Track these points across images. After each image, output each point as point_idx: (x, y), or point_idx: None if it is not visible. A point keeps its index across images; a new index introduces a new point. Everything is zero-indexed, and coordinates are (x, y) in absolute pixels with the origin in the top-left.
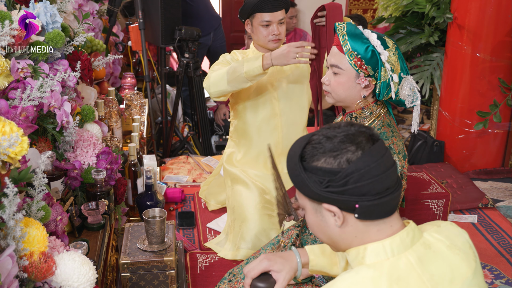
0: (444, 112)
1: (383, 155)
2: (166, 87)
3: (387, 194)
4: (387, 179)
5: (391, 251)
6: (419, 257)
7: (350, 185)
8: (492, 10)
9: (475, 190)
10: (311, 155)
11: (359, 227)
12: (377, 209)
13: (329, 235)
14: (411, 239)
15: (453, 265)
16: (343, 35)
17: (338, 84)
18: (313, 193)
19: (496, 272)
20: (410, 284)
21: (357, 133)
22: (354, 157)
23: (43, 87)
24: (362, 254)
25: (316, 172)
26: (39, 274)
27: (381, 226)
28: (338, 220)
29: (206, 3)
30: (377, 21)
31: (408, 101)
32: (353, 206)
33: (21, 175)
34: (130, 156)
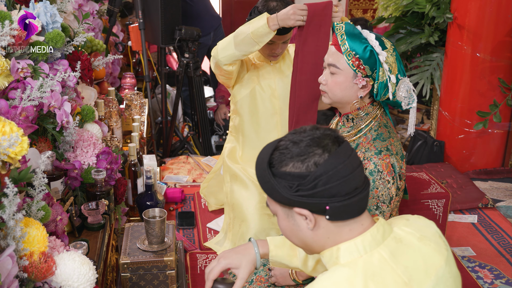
0: (444, 112)
1: (349, 155)
2: (166, 87)
3: (356, 194)
4: (355, 179)
5: (363, 249)
6: (392, 252)
7: (319, 188)
8: (492, 10)
9: (475, 190)
10: (279, 161)
11: (330, 228)
12: (347, 209)
13: (302, 239)
14: (382, 234)
15: (426, 256)
16: (342, 34)
17: (335, 84)
18: (283, 198)
19: (496, 272)
20: (386, 278)
21: (322, 136)
22: (321, 159)
23: (43, 87)
24: (336, 255)
25: (285, 177)
26: (39, 274)
27: (352, 226)
28: (310, 223)
29: (206, 3)
30: (377, 21)
31: (405, 103)
32: (324, 208)
33: (21, 175)
34: (130, 156)
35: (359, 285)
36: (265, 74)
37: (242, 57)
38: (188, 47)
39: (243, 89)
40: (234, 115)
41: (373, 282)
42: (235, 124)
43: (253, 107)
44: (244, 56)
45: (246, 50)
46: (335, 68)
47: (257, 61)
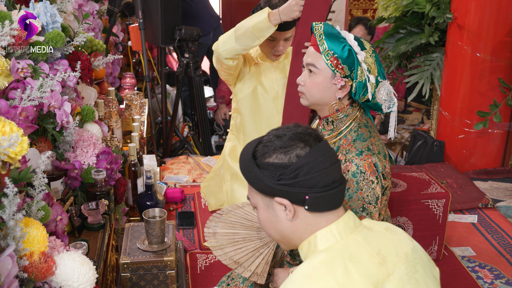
0: (444, 112)
1: (328, 151)
2: (166, 87)
3: (334, 187)
4: (333, 173)
5: (338, 234)
6: (365, 237)
7: (300, 178)
8: (492, 10)
9: (475, 190)
10: (262, 153)
11: (309, 219)
12: (325, 201)
13: (280, 230)
14: (353, 222)
15: (394, 242)
16: (320, 34)
17: (314, 84)
18: (266, 187)
19: (496, 272)
20: (363, 259)
21: (304, 132)
22: (303, 152)
23: (43, 87)
24: (314, 243)
25: (268, 168)
26: (39, 274)
27: (329, 217)
28: (289, 213)
29: (206, 3)
30: (377, 21)
31: (385, 106)
32: (303, 198)
33: (21, 175)
34: (130, 156)
35: (339, 267)
36: (267, 73)
37: (242, 51)
38: (188, 47)
39: (245, 88)
40: (235, 113)
41: (352, 263)
42: (236, 122)
43: (254, 106)
44: (245, 51)
45: (246, 44)
46: (314, 67)
47: (260, 60)
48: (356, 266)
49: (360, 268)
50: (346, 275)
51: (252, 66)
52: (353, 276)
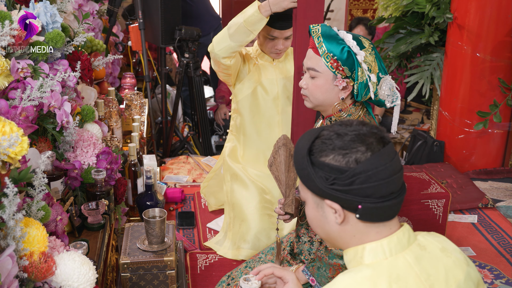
0: (444, 112)
1: (392, 159)
2: (166, 87)
3: (391, 199)
4: (393, 184)
5: (389, 251)
6: (416, 257)
7: (356, 186)
8: (492, 10)
9: (475, 190)
10: (319, 150)
11: (358, 227)
12: (379, 212)
13: (327, 231)
14: (407, 239)
15: (447, 266)
16: (318, 37)
17: (316, 87)
18: (317, 189)
19: (496, 272)
20: (409, 283)
21: (368, 133)
22: (363, 158)
23: (43, 87)
24: (361, 254)
25: (323, 168)
26: (39, 274)
27: (380, 229)
28: (339, 218)
29: (206, 3)
30: (377, 21)
31: (388, 101)
32: (356, 206)
33: (21, 175)
34: (130, 156)
35: (383, 286)
36: (267, 74)
37: (238, 48)
38: (188, 47)
39: (245, 89)
40: (235, 114)
41: (397, 285)
42: (236, 123)
43: (254, 107)
44: (240, 47)
45: (241, 40)
46: (315, 71)
47: (260, 61)
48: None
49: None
50: None
51: (251, 67)
52: None
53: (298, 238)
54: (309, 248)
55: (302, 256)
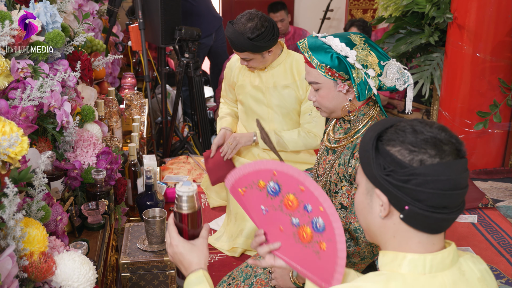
0: (444, 112)
1: (459, 173)
2: (166, 87)
3: (442, 213)
4: (450, 199)
5: (429, 267)
6: (454, 282)
7: (410, 185)
8: (492, 10)
9: (475, 190)
10: (389, 139)
11: (400, 228)
12: (425, 221)
13: (368, 222)
14: (451, 260)
15: None
16: (307, 51)
17: (322, 98)
18: (371, 175)
19: (496, 272)
20: None
21: (445, 140)
22: (430, 161)
23: (43, 87)
24: (400, 262)
25: (385, 156)
26: (39, 274)
27: (423, 239)
28: (383, 211)
29: (208, 3)
30: (377, 21)
31: (399, 84)
32: (403, 206)
33: (21, 175)
34: (130, 156)
35: None
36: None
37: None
38: (188, 47)
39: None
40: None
41: None
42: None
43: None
44: None
45: None
46: (316, 84)
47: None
48: None
49: None
50: None
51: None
52: None
53: None
54: None
55: None
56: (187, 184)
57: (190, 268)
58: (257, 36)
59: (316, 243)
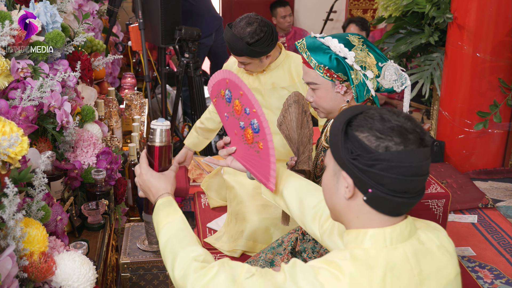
0: (444, 112)
1: (421, 161)
2: (166, 87)
3: (402, 197)
4: (410, 184)
5: (390, 240)
6: (414, 251)
7: (374, 170)
8: (492, 10)
9: (475, 190)
10: (358, 125)
11: (363, 210)
12: (386, 204)
13: (334, 202)
14: (409, 232)
15: (441, 264)
16: (305, 51)
17: (320, 98)
18: (339, 157)
19: (496, 272)
20: (402, 275)
21: (410, 129)
22: (394, 148)
23: (43, 87)
24: (362, 238)
25: (353, 141)
26: (39, 274)
27: (384, 220)
28: (348, 193)
29: (208, 3)
30: (377, 21)
31: (397, 86)
32: (367, 189)
33: (21, 175)
34: (130, 156)
35: (378, 272)
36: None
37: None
38: (188, 47)
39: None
40: None
41: (391, 274)
42: None
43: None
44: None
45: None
46: (314, 84)
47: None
48: (393, 279)
49: (396, 283)
50: (381, 284)
51: None
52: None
53: (303, 236)
54: (313, 246)
55: (305, 254)
56: (161, 120)
57: (158, 193)
58: (256, 41)
59: (256, 143)
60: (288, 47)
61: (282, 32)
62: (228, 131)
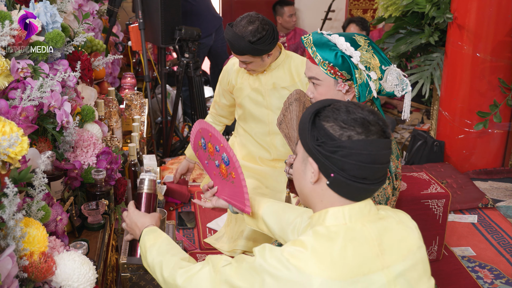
0: (444, 112)
1: (380, 150)
2: (166, 87)
3: (361, 183)
4: (369, 171)
5: (349, 217)
6: (374, 225)
7: (336, 156)
8: (492, 10)
9: (475, 190)
10: (325, 115)
11: (327, 194)
12: (347, 189)
13: (302, 186)
14: (368, 210)
15: (400, 236)
16: (311, 47)
17: (321, 95)
18: (306, 144)
19: (496, 272)
20: (363, 245)
21: (373, 122)
22: (356, 137)
23: (43, 87)
24: (324, 217)
25: (319, 130)
26: (39, 274)
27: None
28: (313, 177)
29: (208, 3)
30: (377, 21)
31: (398, 90)
32: (330, 173)
33: (21, 175)
34: (130, 156)
35: (338, 243)
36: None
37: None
38: (188, 47)
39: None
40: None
41: (351, 244)
42: (236, 127)
43: (248, 115)
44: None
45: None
46: (316, 80)
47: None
48: (354, 249)
49: (356, 252)
50: (342, 253)
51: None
52: (347, 257)
53: None
54: None
55: None
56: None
57: (143, 226)
58: (258, 39)
59: (230, 175)
60: (288, 47)
61: (283, 32)
62: (210, 175)
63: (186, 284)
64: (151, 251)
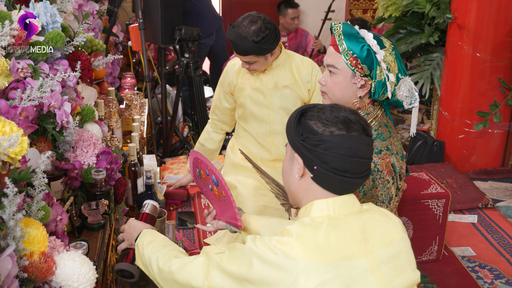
0: (444, 112)
1: (360, 145)
2: (166, 87)
3: (342, 175)
4: (350, 164)
5: (333, 208)
6: (358, 216)
7: (319, 149)
8: (492, 10)
9: (475, 190)
10: (310, 115)
11: (311, 187)
12: (330, 181)
13: (289, 183)
14: (352, 204)
15: (384, 228)
16: (339, 34)
17: (334, 84)
18: (292, 140)
19: (496, 272)
20: (346, 231)
21: (354, 120)
22: (337, 132)
23: (43, 87)
24: (309, 209)
25: (304, 127)
26: (39, 274)
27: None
28: (299, 172)
29: (208, 3)
30: (377, 21)
31: (406, 102)
32: (313, 166)
33: (21, 175)
34: (130, 156)
35: (322, 230)
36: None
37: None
38: (188, 47)
39: (239, 99)
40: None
41: (335, 230)
42: (237, 127)
43: (249, 115)
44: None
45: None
46: (334, 68)
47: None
48: (337, 235)
49: (340, 238)
50: (326, 239)
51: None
52: (331, 242)
53: None
54: None
55: None
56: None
57: (141, 230)
58: (262, 38)
59: (221, 195)
60: (288, 47)
61: (284, 32)
62: (209, 200)
63: (179, 270)
64: (148, 247)
